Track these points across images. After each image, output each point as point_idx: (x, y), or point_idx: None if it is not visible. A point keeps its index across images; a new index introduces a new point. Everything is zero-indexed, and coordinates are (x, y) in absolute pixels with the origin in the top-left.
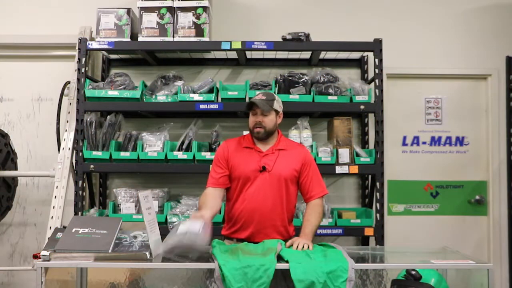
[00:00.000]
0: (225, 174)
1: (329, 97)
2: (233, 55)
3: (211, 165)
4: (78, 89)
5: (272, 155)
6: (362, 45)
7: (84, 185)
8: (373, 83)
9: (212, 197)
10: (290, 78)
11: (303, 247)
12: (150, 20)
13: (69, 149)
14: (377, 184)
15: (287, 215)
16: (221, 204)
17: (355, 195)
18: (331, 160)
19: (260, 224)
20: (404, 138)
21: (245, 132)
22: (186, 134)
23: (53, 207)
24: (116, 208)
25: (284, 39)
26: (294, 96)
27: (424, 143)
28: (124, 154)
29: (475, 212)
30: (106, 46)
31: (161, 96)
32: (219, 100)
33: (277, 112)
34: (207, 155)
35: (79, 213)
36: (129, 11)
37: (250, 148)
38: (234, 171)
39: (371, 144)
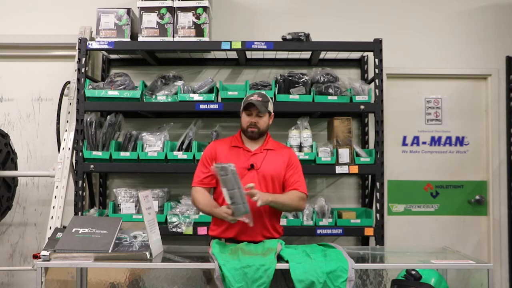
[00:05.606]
0: (209, 174)
1: (329, 97)
2: (233, 55)
3: None
4: (78, 89)
5: (260, 154)
6: (362, 45)
7: (84, 185)
8: (373, 83)
9: (205, 193)
10: (290, 78)
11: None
12: (150, 20)
13: (69, 149)
14: (377, 184)
15: (275, 213)
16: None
17: (355, 195)
18: (331, 160)
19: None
20: (404, 138)
21: None
22: (186, 134)
23: (53, 207)
24: (116, 208)
25: (284, 39)
26: (294, 96)
27: (424, 143)
28: (124, 154)
29: (475, 212)
30: (106, 46)
31: (161, 96)
32: (219, 100)
33: (269, 113)
34: None
35: (79, 213)
36: (129, 11)
37: (239, 147)
38: None
39: (371, 144)
